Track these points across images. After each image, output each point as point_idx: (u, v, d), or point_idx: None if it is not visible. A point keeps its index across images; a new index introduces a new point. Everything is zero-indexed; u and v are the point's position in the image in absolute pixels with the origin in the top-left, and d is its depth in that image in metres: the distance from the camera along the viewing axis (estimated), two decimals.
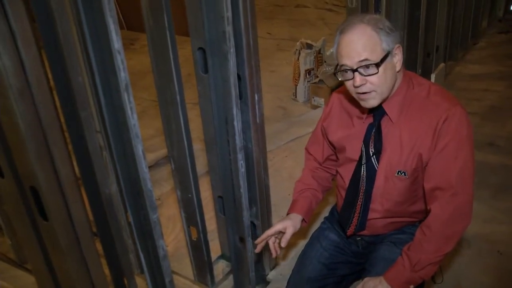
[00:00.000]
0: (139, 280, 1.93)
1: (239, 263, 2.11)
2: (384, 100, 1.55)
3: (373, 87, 1.47)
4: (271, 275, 2.23)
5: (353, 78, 1.47)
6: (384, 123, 1.58)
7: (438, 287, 2.02)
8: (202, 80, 1.81)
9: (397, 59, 1.49)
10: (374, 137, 1.58)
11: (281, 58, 5.09)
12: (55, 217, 1.23)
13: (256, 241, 1.80)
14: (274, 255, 1.79)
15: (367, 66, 1.44)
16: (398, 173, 1.56)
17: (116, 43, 1.27)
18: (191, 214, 1.96)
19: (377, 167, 1.60)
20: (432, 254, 1.48)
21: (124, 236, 1.85)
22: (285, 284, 1.92)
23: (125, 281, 1.72)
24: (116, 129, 1.43)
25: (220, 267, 2.26)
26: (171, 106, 1.73)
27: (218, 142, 1.88)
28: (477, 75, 4.27)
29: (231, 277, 2.19)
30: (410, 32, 3.16)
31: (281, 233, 1.76)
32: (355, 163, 1.65)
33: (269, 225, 2.15)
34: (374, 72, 1.44)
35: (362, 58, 1.43)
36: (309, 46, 3.82)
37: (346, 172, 1.70)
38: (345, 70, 1.48)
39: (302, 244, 2.10)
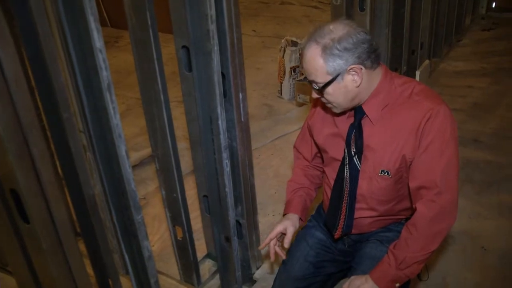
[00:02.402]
0: (124, 281, 1.90)
1: (225, 263, 2.10)
2: (363, 102, 1.55)
3: (328, 101, 1.54)
4: (257, 274, 2.22)
5: None
6: (366, 123, 1.58)
7: (424, 284, 2.03)
8: (186, 79, 1.79)
9: (352, 79, 1.48)
10: (355, 137, 1.58)
11: (266, 55, 5.08)
12: (36, 220, 1.21)
13: (260, 247, 1.83)
14: (273, 258, 1.79)
15: (316, 84, 1.50)
16: (381, 173, 1.57)
17: (98, 41, 1.24)
18: (176, 213, 1.95)
19: (360, 167, 1.60)
20: (418, 252, 1.48)
21: (109, 236, 1.83)
22: (272, 283, 1.92)
23: (110, 282, 1.70)
24: (99, 129, 1.41)
25: (207, 267, 2.24)
26: (155, 104, 1.71)
27: (203, 141, 1.87)
28: (461, 72, 4.30)
29: (217, 276, 2.18)
30: (395, 29, 3.17)
31: (283, 234, 1.77)
32: (339, 163, 1.65)
33: (254, 223, 2.15)
34: (322, 92, 1.51)
35: (311, 78, 1.51)
36: (294, 44, 3.82)
37: (332, 172, 1.70)
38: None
39: None
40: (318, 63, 1.46)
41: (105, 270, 1.67)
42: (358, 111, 1.57)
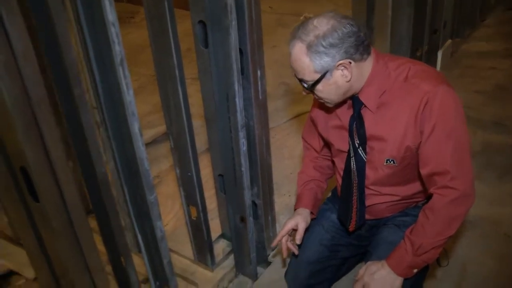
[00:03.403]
0: (136, 259, 1.88)
1: (239, 244, 2.07)
2: (358, 92, 1.50)
3: (320, 97, 1.50)
4: (273, 255, 2.19)
5: None
6: (366, 113, 1.52)
7: (442, 270, 1.98)
8: (202, 55, 1.74)
9: (342, 74, 1.42)
10: (356, 128, 1.53)
11: (283, 33, 4.98)
12: (46, 198, 1.18)
13: (272, 244, 1.82)
14: (285, 255, 1.77)
15: (305, 83, 1.46)
16: (386, 162, 1.53)
17: (110, 14, 1.19)
18: (191, 192, 1.91)
19: (366, 159, 1.55)
20: (435, 237, 1.43)
21: (122, 214, 1.80)
22: (287, 265, 1.89)
23: (122, 260, 1.67)
24: (112, 106, 1.36)
25: (221, 247, 2.21)
26: (170, 81, 1.66)
27: (219, 119, 1.82)
28: (484, 53, 4.17)
29: (231, 257, 2.15)
30: (418, 7, 3.07)
31: (294, 230, 1.75)
32: (346, 155, 1.60)
33: (271, 204, 2.10)
34: (311, 90, 1.47)
35: (299, 77, 1.46)
36: None
37: (340, 163, 1.67)
38: None
39: None
40: (305, 62, 1.41)
41: (117, 248, 1.64)
42: (355, 102, 1.52)
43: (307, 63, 1.40)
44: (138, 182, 1.46)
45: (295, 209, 1.80)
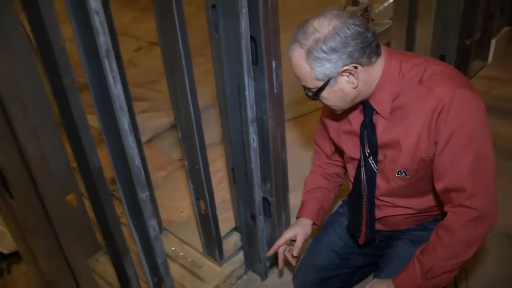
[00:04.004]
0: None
1: (250, 240, 1.98)
2: (368, 96, 1.35)
3: (326, 104, 1.37)
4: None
5: None
6: (378, 119, 1.36)
7: None
8: (214, 41, 1.63)
9: (348, 80, 1.27)
10: (367, 136, 1.38)
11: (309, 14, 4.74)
12: (21, 195, 1.12)
13: (268, 254, 1.72)
14: (281, 265, 1.68)
15: (308, 90, 1.32)
16: (398, 173, 1.37)
17: (94, 2, 1.09)
18: (199, 186, 1.82)
19: (376, 170, 1.41)
20: (447, 261, 1.28)
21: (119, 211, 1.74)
22: (297, 267, 1.79)
23: (121, 255, 1.62)
24: (102, 99, 1.28)
25: (233, 240, 2.13)
26: (177, 72, 1.56)
27: (230, 112, 1.71)
28: None
29: (242, 252, 2.06)
30: None
31: (293, 241, 1.66)
32: (357, 162, 1.46)
33: (285, 202, 1.99)
34: (315, 98, 1.33)
35: (302, 84, 1.33)
36: (355, 3, 3.52)
37: (352, 170, 1.53)
38: None
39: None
40: (305, 69, 1.27)
41: (114, 242, 1.58)
42: (366, 107, 1.36)
43: (307, 70, 1.26)
44: (131, 179, 1.38)
45: (297, 217, 1.70)
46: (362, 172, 1.45)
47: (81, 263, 1.29)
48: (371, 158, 1.40)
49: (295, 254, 1.64)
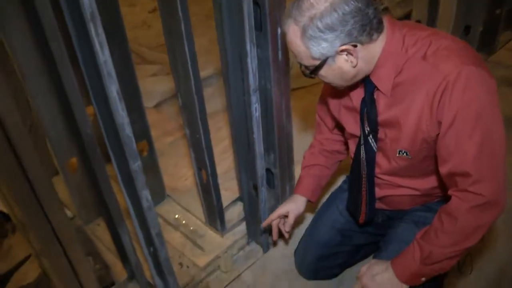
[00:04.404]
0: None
1: (252, 212, 1.93)
2: (369, 73, 1.27)
3: (324, 82, 1.30)
4: (297, 227, 2.03)
5: None
6: (379, 96, 1.28)
7: (473, 278, 1.72)
8: (217, 6, 1.54)
9: (346, 59, 1.19)
10: (367, 114, 1.29)
11: None
12: (2, 170, 1.07)
13: (262, 225, 1.72)
14: (275, 237, 1.68)
15: (305, 69, 1.26)
16: (399, 153, 1.30)
17: None
18: (200, 155, 1.77)
19: (376, 148, 1.34)
20: (448, 247, 1.22)
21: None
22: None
23: (116, 224, 1.59)
24: (90, 64, 1.22)
25: (237, 211, 2.08)
26: (176, 38, 1.49)
27: (232, 80, 1.64)
28: None
29: (244, 223, 2.02)
30: None
31: (286, 216, 1.65)
32: (357, 139, 1.39)
33: (289, 174, 1.93)
34: (312, 76, 1.26)
35: (298, 61, 1.25)
36: None
37: (352, 147, 1.46)
38: None
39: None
40: (301, 48, 1.18)
41: (109, 211, 1.55)
42: (367, 84, 1.27)
43: (303, 49, 1.18)
44: (122, 149, 1.33)
45: (294, 193, 1.66)
46: (361, 151, 1.38)
47: (67, 231, 1.25)
48: (370, 136, 1.33)
49: (286, 229, 1.64)
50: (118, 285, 1.78)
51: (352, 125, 1.42)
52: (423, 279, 1.28)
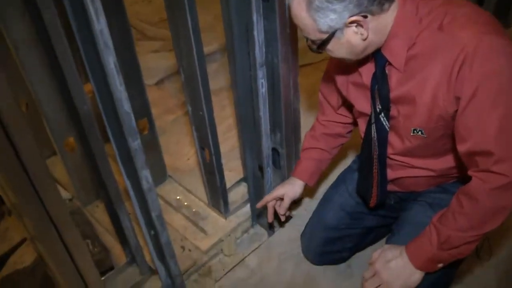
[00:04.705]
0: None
1: (257, 193, 1.85)
2: (380, 45, 1.18)
3: (332, 56, 1.21)
4: (294, 209, 1.96)
5: None
6: (391, 70, 1.19)
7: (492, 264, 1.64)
8: None
9: (356, 31, 1.10)
10: (378, 90, 1.20)
11: None
12: None
13: (256, 206, 1.66)
14: (270, 219, 1.62)
15: (312, 43, 1.18)
16: (413, 132, 1.21)
17: None
18: (203, 134, 1.69)
19: (388, 127, 1.25)
20: (467, 231, 1.14)
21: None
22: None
23: (114, 204, 1.51)
24: (86, 35, 1.13)
25: (240, 192, 2.01)
26: (178, 7, 1.39)
27: (238, 55, 1.55)
28: None
29: (249, 205, 1.95)
30: None
31: (281, 199, 1.59)
32: (368, 117, 1.30)
33: (296, 154, 1.84)
34: (319, 51, 1.18)
35: (304, 35, 1.19)
36: None
37: (363, 126, 1.37)
38: None
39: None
40: (306, 21, 1.10)
41: (107, 192, 1.48)
42: (378, 58, 1.19)
43: (309, 21, 1.10)
44: (120, 126, 1.24)
45: (291, 175, 1.62)
46: (372, 130, 1.29)
47: (59, 208, 1.17)
48: (382, 114, 1.24)
49: (281, 212, 1.59)
50: (118, 269, 1.71)
51: (362, 103, 1.33)
52: (440, 265, 1.21)
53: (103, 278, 1.67)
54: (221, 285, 1.73)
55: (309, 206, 1.92)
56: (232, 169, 2.06)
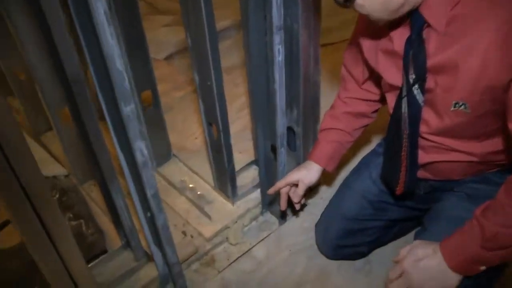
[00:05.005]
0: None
1: (269, 177, 1.67)
2: (418, 4, 1.00)
3: (361, 13, 1.02)
4: (309, 197, 1.77)
5: None
6: (429, 35, 1.01)
7: None
8: None
9: None
10: (413, 57, 1.02)
11: None
12: None
13: (268, 192, 1.52)
14: (283, 207, 1.45)
15: None
16: (455, 106, 1.02)
17: None
18: (211, 107, 1.51)
19: (422, 102, 1.06)
20: None
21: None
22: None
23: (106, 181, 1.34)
24: None
25: (251, 175, 1.82)
26: None
27: (252, 18, 1.36)
28: None
29: (259, 190, 1.76)
30: None
31: (296, 185, 1.41)
32: (398, 91, 1.11)
33: (314, 134, 1.65)
34: (347, 5, 1.01)
35: None
36: None
37: (391, 102, 1.18)
38: None
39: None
40: None
41: (99, 167, 1.31)
42: (415, 19, 1.00)
43: None
44: (112, 88, 1.07)
45: (308, 158, 1.44)
46: (403, 105, 1.10)
47: (42, 189, 1.00)
48: (416, 86, 1.05)
49: (295, 200, 1.42)
50: (110, 254, 1.54)
51: (392, 74, 1.14)
52: (482, 267, 1.01)
53: (92, 264, 1.51)
54: (223, 276, 1.55)
55: (326, 194, 1.74)
56: (243, 151, 1.88)
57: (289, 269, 1.54)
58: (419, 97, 1.06)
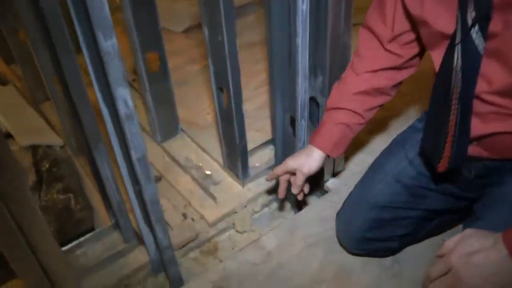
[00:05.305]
0: None
1: (286, 156, 1.43)
2: None
3: None
4: (331, 182, 1.52)
5: None
6: None
7: None
8: None
9: None
10: None
11: None
12: None
13: (266, 178, 1.36)
14: (281, 195, 1.25)
15: None
16: None
17: None
18: (221, 69, 1.29)
19: (483, 48, 0.80)
20: None
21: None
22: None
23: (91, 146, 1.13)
24: None
25: (266, 156, 1.60)
26: None
27: None
28: None
29: None
30: None
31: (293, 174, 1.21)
32: (447, 42, 0.86)
33: None
34: None
35: None
36: None
37: (438, 59, 0.93)
38: None
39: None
40: None
41: (82, 129, 1.10)
42: None
43: None
44: (88, 14, 0.85)
45: (310, 143, 1.21)
46: (455, 55, 0.85)
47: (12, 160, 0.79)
48: (476, 27, 0.80)
49: (294, 191, 1.21)
50: (96, 233, 1.34)
51: (445, 19, 0.89)
52: None
53: (75, 243, 1.31)
54: (226, 267, 1.32)
55: (350, 180, 1.49)
56: (260, 129, 1.66)
57: (303, 263, 1.30)
58: (479, 42, 0.81)
